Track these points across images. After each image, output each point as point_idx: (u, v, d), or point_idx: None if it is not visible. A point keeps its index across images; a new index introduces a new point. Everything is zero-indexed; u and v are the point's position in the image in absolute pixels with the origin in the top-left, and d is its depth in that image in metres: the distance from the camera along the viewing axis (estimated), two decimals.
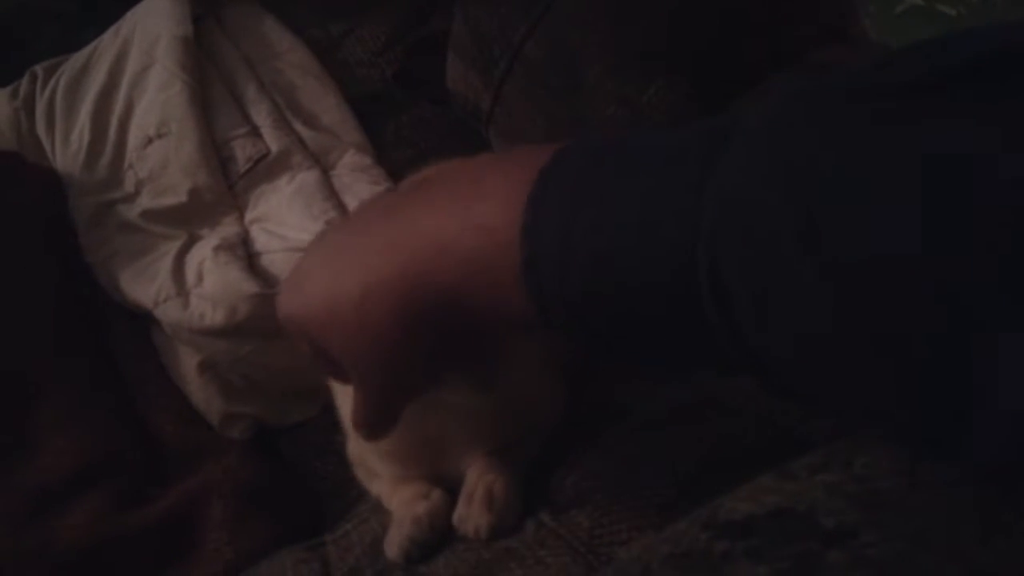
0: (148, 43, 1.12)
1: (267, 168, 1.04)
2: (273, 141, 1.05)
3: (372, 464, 0.70)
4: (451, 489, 0.65)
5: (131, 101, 1.10)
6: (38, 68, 1.19)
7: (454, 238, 0.36)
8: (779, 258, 0.28)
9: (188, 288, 0.95)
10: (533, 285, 0.34)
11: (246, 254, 0.98)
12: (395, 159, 1.09)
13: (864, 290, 0.27)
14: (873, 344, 0.27)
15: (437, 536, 0.62)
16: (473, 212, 0.36)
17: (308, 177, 1.02)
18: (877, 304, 0.27)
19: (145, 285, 0.97)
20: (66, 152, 1.10)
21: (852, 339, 0.28)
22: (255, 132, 1.07)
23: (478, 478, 0.62)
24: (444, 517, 0.63)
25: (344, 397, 0.66)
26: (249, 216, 1.03)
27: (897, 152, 0.27)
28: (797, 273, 0.28)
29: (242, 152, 1.05)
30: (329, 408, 0.93)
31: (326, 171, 1.05)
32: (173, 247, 0.99)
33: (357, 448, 0.71)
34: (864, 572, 0.26)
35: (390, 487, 0.69)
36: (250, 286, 0.91)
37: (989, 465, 0.28)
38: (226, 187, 1.05)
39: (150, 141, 1.06)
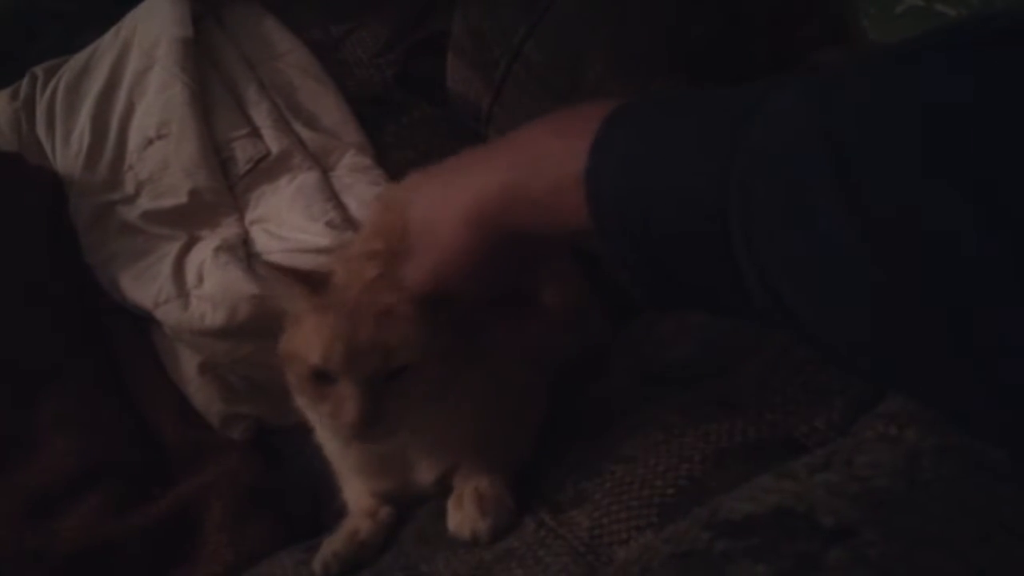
0: (148, 44, 1.12)
1: (267, 169, 1.04)
2: (273, 142, 1.05)
3: (347, 477, 0.72)
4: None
5: (131, 102, 1.10)
6: (38, 69, 1.19)
7: (535, 144, 0.43)
8: (805, 206, 0.29)
9: (188, 289, 0.95)
10: (592, 191, 0.39)
11: (246, 255, 0.98)
12: (395, 160, 1.09)
13: (890, 238, 0.27)
14: (897, 295, 0.28)
15: (367, 553, 0.66)
16: (560, 131, 0.42)
17: (308, 178, 1.02)
18: (903, 252, 0.27)
19: (145, 286, 0.97)
20: (66, 153, 1.10)
21: (878, 287, 0.28)
22: (255, 133, 1.07)
23: (463, 483, 0.63)
24: (381, 535, 0.67)
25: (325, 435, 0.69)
26: (249, 217, 1.03)
27: (914, 108, 0.28)
28: (822, 217, 0.29)
29: (242, 153, 1.05)
30: None
31: (326, 172, 1.05)
32: (173, 248, 0.99)
33: (335, 464, 0.72)
34: (864, 571, 0.26)
35: (355, 496, 0.71)
36: (250, 287, 0.91)
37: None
38: (226, 188, 1.05)
39: (150, 142, 1.06)
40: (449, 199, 0.48)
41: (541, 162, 0.42)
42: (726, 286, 0.34)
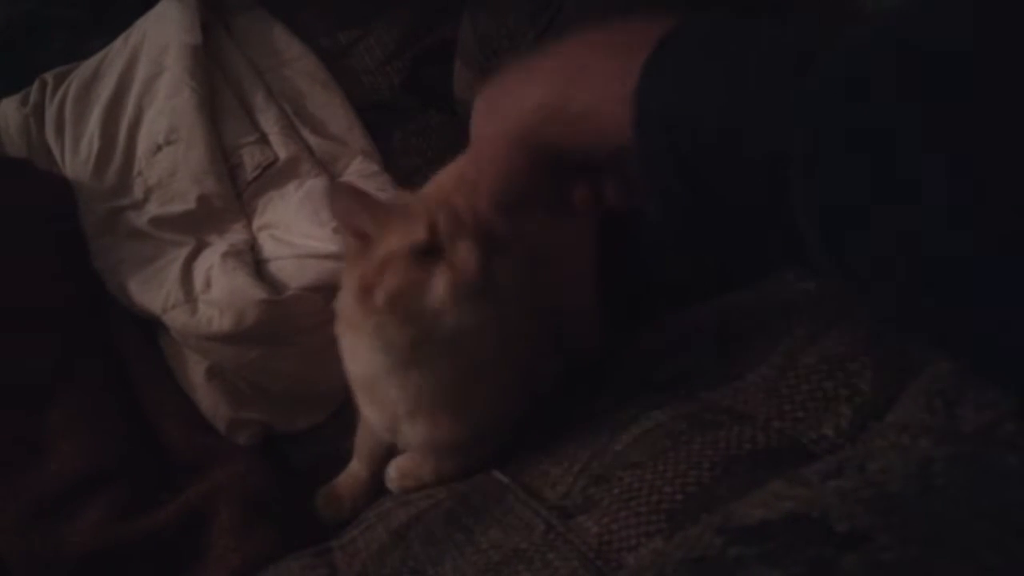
0: (157, 51, 1.13)
1: (275, 175, 1.05)
2: (281, 148, 1.06)
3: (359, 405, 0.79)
4: None
5: (140, 108, 1.10)
6: (48, 76, 1.20)
7: (583, 61, 0.42)
8: (882, 136, 0.28)
9: (196, 294, 0.95)
10: (641, 111, 0.38)
11: (254, 260, 0.98)
12: (402, 166, 1.10)
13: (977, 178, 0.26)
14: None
15: (344, 507, 0.82)
16: (610, 50, 0.41)
17: (316, 184, 1.03)
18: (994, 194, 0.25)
19: (153, 291, 0.97)
20: (75, 159, 1.11)
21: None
22: (263, 139, 1.07)
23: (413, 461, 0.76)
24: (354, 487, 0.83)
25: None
26: (257, 223, 1.04)
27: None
28: (901, 150, 0.27)
29: (250, 159, 1.05)
30: (335, 415, 0.93)
31: (334, 178, 1.06)
32: (181, 253, 1.00)
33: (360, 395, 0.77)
34: None
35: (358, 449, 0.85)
36: (258, 292, 0.91)
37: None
38: (234, 194, 1.05)
39: (159, 148, 1.06)
40: (496, 119, 0.48)
41: (588, 79, 0.41)
42: (775, 222, 0.32)
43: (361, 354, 0.70)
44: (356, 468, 0.86)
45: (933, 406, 0.45)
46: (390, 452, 0.84)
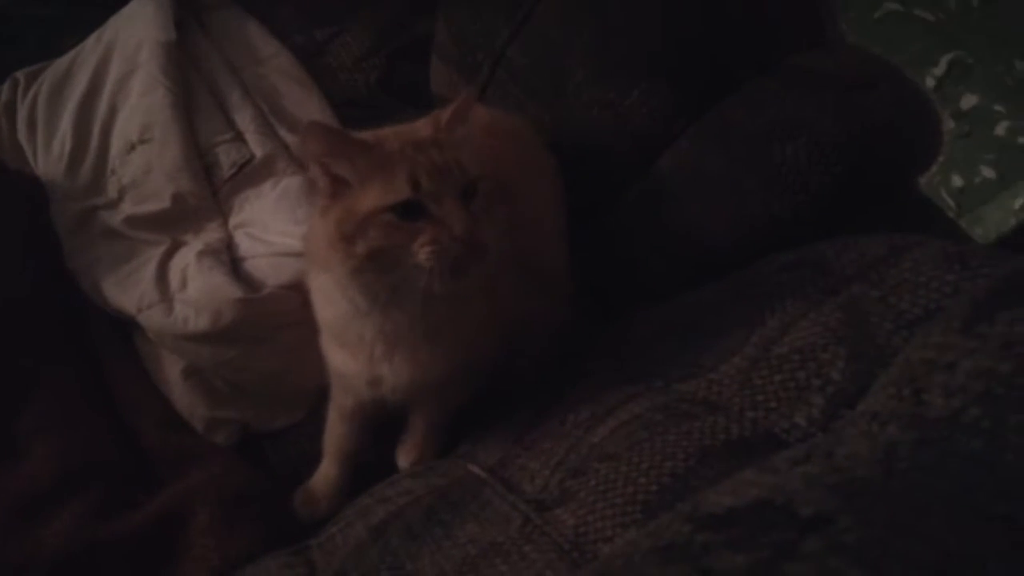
0: (131, 49, 1.11)
1: (251, 173, 1.04)
2: (257, 146, 1.05)
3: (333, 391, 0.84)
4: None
5: (114, 107, 1.09)
6: (19, 74, 1.18)
7: None
8: None
9: (172, 294, 0.94)
10: None
11: (230, 259, 0.98)
12: None
13: None
14: None
15: (320, 506, 0.84)
16: None
17: (292, 182, 1.02)
18: None
19: (128, 291, 0.96)
20: (48, 158, 1.10)
21: None
22: (239, 137, 1.06)
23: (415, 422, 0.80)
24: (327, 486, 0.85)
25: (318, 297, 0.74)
26: (233, 221, 1.03)
27: None
28: None
29: (226, 158, 1.04)
30: (314, 413, 0.93)
31: (310, 176, 1.05)
32: (156, 253, 0.99)
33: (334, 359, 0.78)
34: (840, 557, 0.27)
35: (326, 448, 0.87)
36: (234, 291, 0.91)
37: None
38: (210, 193, 1.04)
39: (133, 147, 1.05)
40: None
41: None
42: None
43: (334, 297, 0.69)
44: (326, 466, 0.86)
45: (902, 394, 0.46)
46: (359, 447, 0.85)
